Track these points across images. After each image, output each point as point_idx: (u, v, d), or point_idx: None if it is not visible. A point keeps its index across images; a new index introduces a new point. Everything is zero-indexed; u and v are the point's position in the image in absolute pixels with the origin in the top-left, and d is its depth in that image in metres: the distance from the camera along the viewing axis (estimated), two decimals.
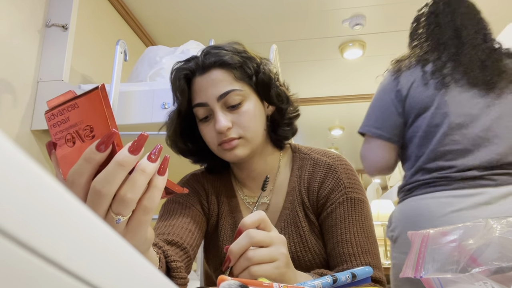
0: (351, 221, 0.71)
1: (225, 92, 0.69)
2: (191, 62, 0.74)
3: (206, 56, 0.72)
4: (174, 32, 2.79)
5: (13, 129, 1.58)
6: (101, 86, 0.35)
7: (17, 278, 0.11)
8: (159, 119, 1.56)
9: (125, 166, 0.34)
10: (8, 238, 0.11)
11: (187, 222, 0.73)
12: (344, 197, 0.73)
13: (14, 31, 1.60)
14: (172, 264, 0.57)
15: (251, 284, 0.37)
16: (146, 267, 0.19)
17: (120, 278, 0.16)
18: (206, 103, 0.70)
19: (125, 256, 0.17)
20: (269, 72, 0.75)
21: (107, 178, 0.34)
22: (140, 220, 0.37)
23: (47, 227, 0.12)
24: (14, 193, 0.11)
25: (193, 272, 2.19)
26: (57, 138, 0.38)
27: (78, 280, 0.13)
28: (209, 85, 0.70)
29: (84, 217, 0.15)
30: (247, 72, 0.72)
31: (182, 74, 0.73)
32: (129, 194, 0.34)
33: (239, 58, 0.72)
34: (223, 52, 0.72)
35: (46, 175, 0.13)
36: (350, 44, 2.97)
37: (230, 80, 0.70)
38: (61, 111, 0.38)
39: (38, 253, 0.12)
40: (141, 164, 0.35)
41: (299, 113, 0.81)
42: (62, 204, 0.14)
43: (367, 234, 0.71)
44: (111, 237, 0.16)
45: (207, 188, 0.82)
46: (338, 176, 0.75)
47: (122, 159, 0.34)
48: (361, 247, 0.68)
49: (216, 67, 0.71)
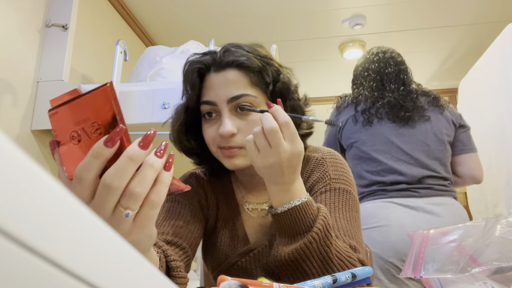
0: (334, 207, 0.69)
1: (237, 95, 0.66)
2: (207, 56, 0.70)
3: (225, 53, 0.68)
4: (174, 32, 2.79)
5: (13, 129, 1.58)
6: (110, 83, 0.36)
7: (17, 278, 0.11)
8: (159, 119, 1.56)
9: (135, 160, 0.35)
10: (8, 238, 0.11)
11: (186, 221, 0.72)
12: (328, 187, 0.71)
13: (14, 31, 1.60)
14: (172, 263, 0.57)
15: (251, 284, 0.37)
16: (146, 267, 0.19)
17: (120, 278, 0.16)
18: (215, 103, 0.67)
19: (125, 256, 0.17)
20: (289, 82, 0.71)
21: (117, 172, 0.34)
22: (147, 215, 0.37)
23: (47, 227, 0.12)
24: (14, 193, 0.11)
25: (193, 272, 2.19)
26: (60, 136, 0.38)
27: (78, 280, 0.13)
28: (222, 84, 0.67)
29: (84, 217, 0.15)
30: (265, 78, 0.68)
31: (196, 68, 0.69)
32: (138, 188, 0.35)
33: (259, 63, 0.68)
34: (243, 53, 0.68)
35: (46, 175, 0.13)
36: (350, 44, 2.97)
37: (245, 84, 0.67)
38: (65, 109, 0.38)
39: (38, 253, 0.12)
40: (150, 159, 0.36)
41: (312, 131, 0.77)
42: (62, 204, 0.14)
43: (350, 222, 0.68)
44: (111, 237, 0.16)
45: (207, 188, 0.81)
46: (325, 169, 0.73)
47: (132, 154, 0.34)
48: (343, 231, 0.66)
49: (233, 67, 0.67)
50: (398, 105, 1.35)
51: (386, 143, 1.33)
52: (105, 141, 0.34)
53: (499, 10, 2.57)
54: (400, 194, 1.27)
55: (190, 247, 0.70)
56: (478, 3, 2.51)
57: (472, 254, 0.41)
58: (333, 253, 0.59)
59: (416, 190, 1.27)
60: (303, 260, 0.59)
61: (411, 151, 1.31)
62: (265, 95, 0.69)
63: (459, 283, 0.38)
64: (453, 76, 3.46)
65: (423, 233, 0.49)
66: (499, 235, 0.40)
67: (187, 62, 0.72)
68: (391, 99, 1.37)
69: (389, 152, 1.32)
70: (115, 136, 0.35)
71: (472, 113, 1.87)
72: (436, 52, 3.13)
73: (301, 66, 3.30)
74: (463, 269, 0.39)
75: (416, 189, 1.27)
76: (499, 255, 0.39)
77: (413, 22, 2.71)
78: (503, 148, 1.59)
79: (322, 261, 0.59)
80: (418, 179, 1.28)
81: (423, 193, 1.27)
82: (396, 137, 1.33)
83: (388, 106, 1.36)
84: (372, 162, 1.33)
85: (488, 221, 0.42)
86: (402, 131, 1.33)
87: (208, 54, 0.71)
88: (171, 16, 2.61)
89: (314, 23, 2.72)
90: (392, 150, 1.32)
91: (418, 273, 0.42)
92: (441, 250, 0.43)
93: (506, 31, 1.60)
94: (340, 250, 0.60)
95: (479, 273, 0.38)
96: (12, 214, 0.11)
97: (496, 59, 1.66)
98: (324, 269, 0.59)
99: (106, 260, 0.15)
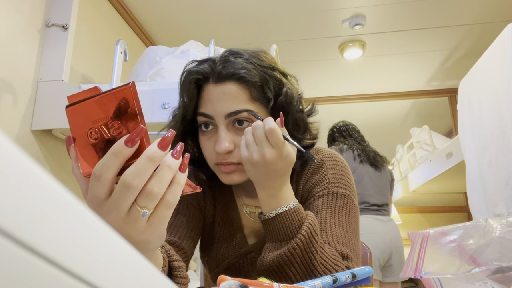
0: (330, 212, 0.67)
1: (236, 111, 0.63)
2: (205, 65, 0.67)
3: (225, 65, 0.65)
4: (174, 32, 2.79)
5: (13, 129, 1.58)
6: (133, 82, 0.37)
7: (17, 278, 0.11)
8: (159, 119, 1.56)
9: (155, 160, 0.35)
10: (8, 238, 0.11)
11: (185, 221, 0.72)
12: (326, 191, 0.70)
13: (14, 31, 1.60)
14: (174, 263, 0.57)
15: (251, 284, 0.37)
16: (146, 267, 0.19)
17: (120, 278, 0.16)
18: (212, 116, 0.65)
19: (125, 256, 0.17)
20: (292, 95, 0.67)
21: (138, 171, 0.35)
22: (162, 214, 0.38)
23: (47, 227, 0.12)
24: (14, 193, 0.11)
25: (193, 272, 2.19)
26: (77, 132, 0.39)
27: (78, 280, 0.13)
28: (220, 98, 0.64)
29: (84, 217, 0.15)
30: (266, 93, 0.65)
31: (194, 78, 0.66)
32: (156, 188, 0.36)
33: (260, 76, 0.65)
34: (244, 64, 0.64)
35: (46, 175, 0.13)
36: (350, 44, 2.97)
37: (244, 99, 0.64)
38: (84, 106, 0.38)
39: (38, 253, 0.12)
40: (167, 160, 0.36)
41: (315, 142, 0.75)
42: (62, 204, 0.14)
43: (346, 228, 0.67)
44: (111, 237, 0.16)
45: (205, 187, 0.81)
46: (324, 171, 0.72)
47: (152, 154, 0.35)
48: (337, 238, 0.65)
49: (233, 81, 0.64)
50: (374, 155, 2.20)
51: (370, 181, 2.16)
52: (125, 140, 0.35)
53: (499, 10, 2.57)
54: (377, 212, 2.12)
55: (189, 247, 0.70)
56: (478, 3, 2.51)
57: (472, 254, 0.41)
58: (318, 260, 0.59)
59: (382, 211, 2.14)
60: (287, 265, 0.59)
61: (380, 187, 2.17)
62: (266, 110, 0.66)
63: (459, 283, 0.38)
64: (453, 76, 3.46)
65: (423, 233, 0.49)
66: (499, 235, 0.40)
67: (185, 71, 0.69)
68: (368, 151, 2.20)
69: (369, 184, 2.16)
70: (136, 136, 0.35)
71: (472, 113, 1.87)
72: (436, 52, 3.13)
73: (301, 66, 3.30)
74: (463, 269, 0.39)
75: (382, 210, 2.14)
76: (499, 255, 0.39)
77: (413, 22, 2.71)
78: (503, 148, 1.59)
79: (306, 267, 0.59)
80: (383, 206, 2.15)
81: (385, 213, 2.16)
82: (374, 177, 2.15)
83: (369, 156, 2.18)
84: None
85: (488, 221, 0.42)
86: (376, 172, 2.17)
87: (206, 62, 0.68)
88: (171, 16, 2.61)
89: (314, 23, 2.72)
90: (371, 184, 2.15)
91: (418, 273, 0.42)
92: (441, 250, 0.43)
93: (506, 31, 1.60)
94: (326, 258, 0.60)
95: (479, 273, 0.38)
96: (12, 214, 0.11)
97: (496, 59, 1.65)
98: (308, 275, 0.59)
99: (106, 260, 0.15)
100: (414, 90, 3.78)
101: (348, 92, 3.82)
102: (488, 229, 0.41)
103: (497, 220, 0.42)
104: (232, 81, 0.64)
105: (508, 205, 1.58)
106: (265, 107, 0.66)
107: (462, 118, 2.00)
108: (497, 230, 0.41)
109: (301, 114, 0.70)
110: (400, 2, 2.49)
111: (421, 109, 4.36)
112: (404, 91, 3.80)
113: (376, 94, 3.80)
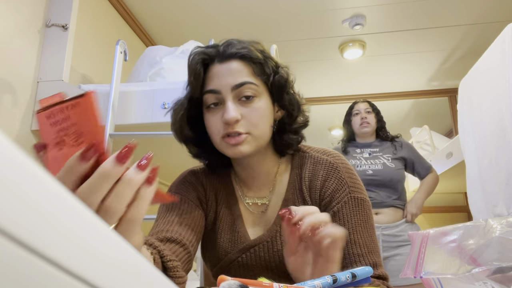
0: (356, 221, 0.71)
1: (241, 82, 0.69)
2: (211, 49, 0.73)
3: (228, 46, 0.72)
4: (174, 32, 2.79)
5: (13, 129, 1.58)
6: (92, 92, 0.35)
7: (17, 278, 0.11)
8: (159, 119, 1.56)
9: (110, 176, 0.33)
10: (8, 238, 0.11)
11: (186, 218, 0.72)
12: (348, 197, 0.73)
13: (14, 31, 1.60)
14: (168, 264, 0.57)
15: (251, 284, 0.37)
16: (146, 267, 0.19)
17: (120, 278, 0.16)
18: (219, 91, 0.69)
19: (124, 256, 0.17)
20: (287, 76, 0.75)
21: (91, 188, 0.33)
22: (126, 230, 0.36)
23: (47, 227, 0.12)
24: (14, 193, 0.11)
25: (193, 272, 2.19)
26: (46, 139, 0.37)
27: (78, 280, 0.13)
28: (226, 73, 0.70)
29: (84, 217, 0.15)
30: (265, 70, 0.72)
31: (200, 59, 0.72)
32: (114, 204, 0.33)
33: (260, 55, 0.72)
34: (245, 45, 0.72)
35: (46, 175, 0.13)
36: (350, 44, 2.97)
37: (248, 73, 0.70)
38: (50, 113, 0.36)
39: (38, 253, 0.12)
40: (128, 174, 0.34)
41: (307, 123, 0.81)
42: (62, 204, 0.14)
43: (370, 233, 0.71)
44: (111, 237, 0.16)
45: (205, 184, 0.81)
46: (341, 176, 0.75)
47: (106, 170, 0.33)
48: (367, 247, 0.69)
49: (237, 59, 0.71)
50: None
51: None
52: (80, 155, 0.33)
53: (499, 10, 2.57)
54: None
55: (191, 244, 0.70)
56: (478, 3, 2.51)
57: (472, 254, 0.40)
58: None
59: None
60: None
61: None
62: (266, 85, 0.73)
63: (459, 283, 0.38)
64: (453, 76, 3.46)
65: (423, 233, 0.49)
66: (499, 235, 0.40)
67: (191, 54, 0.74)
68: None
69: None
70: (89, 152, 0.33)
71: (472, 113, 1.87)
72: (436, 52, 3.13)
73: (301, 66, 3.30)
74: (463, 269, 0.39)
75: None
76: (499, 255, 0.39)
77: (413, 22, 2.71)
78: (503, 148, 1.59)
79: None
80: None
81: None
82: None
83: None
84: None
85: (488, 221, 0.42)
86: None
87: (211, 47, 0.74)
88: (171, 16, 2.61)
89: (314, 23, 2.72)
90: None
91: (418, 273, 0.42)
92: (441, 250, 0.43)
93: (506, 31, 1.59)
94: None
95: (479, 273, 0.38)
96: (12, 214, 0.11)
97: (496, 59, 1.65)
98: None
99: (106, 260, 0.15)
100: (414, 90, 3.78)
101: (348, 92, 3.82)
102: (488, 229, 0.41)
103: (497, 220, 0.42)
104: (235, 58, 0.71)
105: (508, 205, 1.58)
106: (264, 83, 0.72)
107: (462, 118, 2.00)
108: (497, 230, 0.41)
109: (296, 96, 0.77)
110: (400, 2, 2.49)
111: (421, 109, 4.36)
112: (404, 91, 3.80)
113: (376, 94, 3.80)
